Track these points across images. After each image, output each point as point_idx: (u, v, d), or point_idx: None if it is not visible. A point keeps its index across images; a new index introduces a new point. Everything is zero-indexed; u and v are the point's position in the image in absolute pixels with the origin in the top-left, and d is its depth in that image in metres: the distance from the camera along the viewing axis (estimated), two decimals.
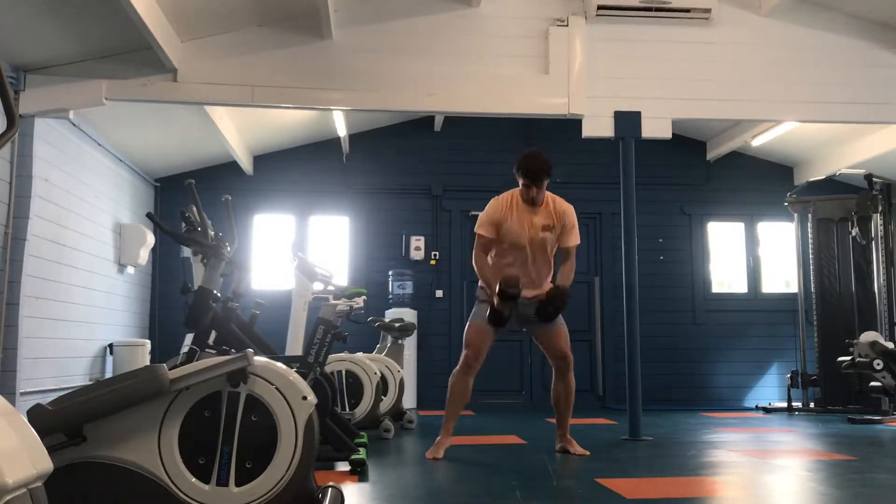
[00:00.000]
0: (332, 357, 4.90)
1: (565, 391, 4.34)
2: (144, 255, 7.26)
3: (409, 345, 7.31)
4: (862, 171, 7.50)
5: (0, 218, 4.94)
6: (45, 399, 2.26)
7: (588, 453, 4.32)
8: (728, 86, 5.74)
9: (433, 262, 8.41)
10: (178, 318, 4.63)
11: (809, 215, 7.95)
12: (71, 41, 4.92)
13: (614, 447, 4.86)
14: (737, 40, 5.80)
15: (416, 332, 7.28)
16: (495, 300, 4.08)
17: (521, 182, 4.22)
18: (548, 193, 4.30)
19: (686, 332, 8.58)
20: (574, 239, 4.34)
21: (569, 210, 4.33)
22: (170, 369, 2.12)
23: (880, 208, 7.34)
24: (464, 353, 4.28)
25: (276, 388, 2.18)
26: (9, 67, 4.95)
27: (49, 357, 5.53)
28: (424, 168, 8.54)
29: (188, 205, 3.93)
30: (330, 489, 2.32)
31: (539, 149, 4.35)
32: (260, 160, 8.36)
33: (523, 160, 4.21)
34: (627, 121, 5.58)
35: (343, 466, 3.72)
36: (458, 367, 4.29)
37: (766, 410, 7.71)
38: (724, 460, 4.32)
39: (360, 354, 5.57)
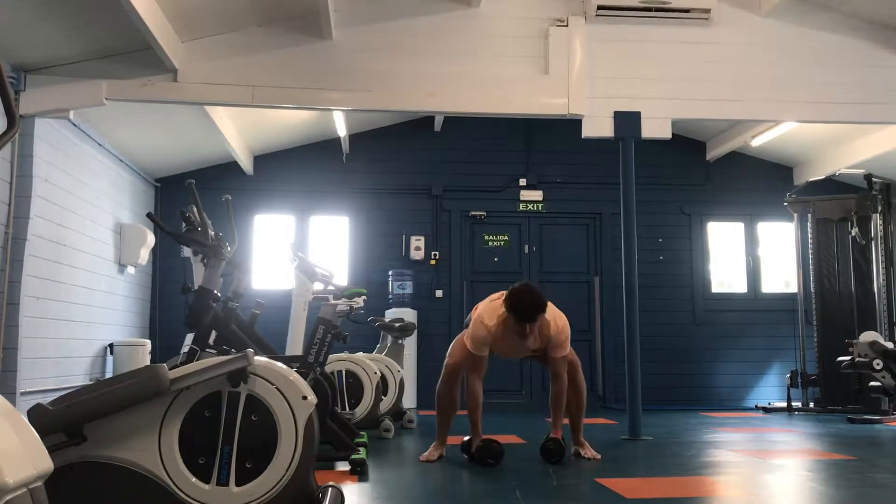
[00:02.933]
0: (332, 357, 4.91)
1: (573, 396, 4.20)
2: (145, 255, 7.27)
3: (409, 345, 7.32)
4: (861, 171, 7.51)
5: (0, 218, 4.95)
6: (45, 399, 2.26)
7: (599, 456, 4.19)
8: (728, 86, 5.74)
9: (433, 262, 8.41)
10: (179, 318, 4.64)
11: (809, 215, 7.95)
12: (71, 41, 4.92)
13: (614, 447, 4.86)
14: (737, 40, 5.80)
15: (416, 332, 7.28)
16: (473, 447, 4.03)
17: (513, 320, 3.85)
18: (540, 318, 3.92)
19: (686, 332, 8.58)
20: (560, 351, 4.05)
21: (559, 333, 4.02)
22: (170, 369, 2.12)
23: (880, 208, 7.34)
24: (445, 362, 4.21)
25: (277, 388, 2.19)
26: (9, 67, 4.95)
27: (49, 357, 5.53)
28: (424, 168, 8.54)
29: (188, 205, 3.93)
30: (330, 489, 2.32)
31: (530, 282, 4.03)
32: (260, 160, 8.36)
33: (514, 300, 3.83)
34: (627, 121, 5.58)
35: (343, 466, 3.73)
36: (442, 379, 4.22)
37: (766, 410, 7.71)
38: (724, 460, 4.32)
39: (360, 354, 5.57)
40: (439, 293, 8.38)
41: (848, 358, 6.64)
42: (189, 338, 4.22)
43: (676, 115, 5.71)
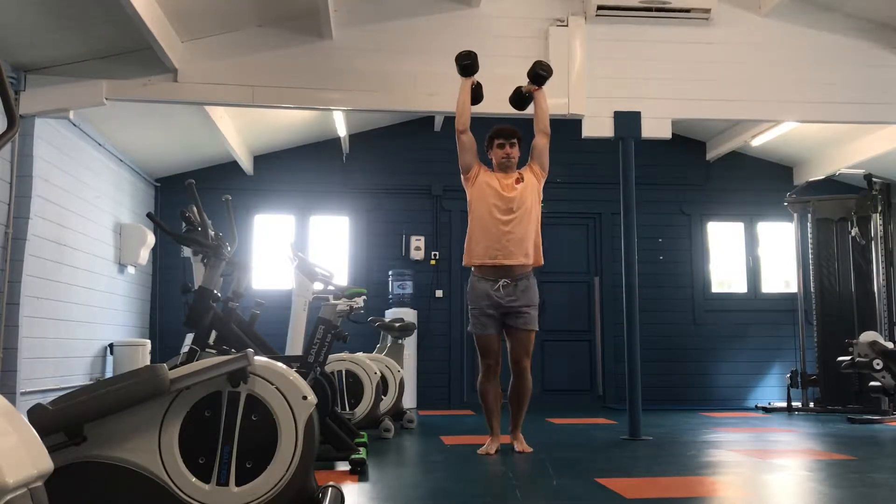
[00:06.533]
0: (332, 357, 4.91)
1: (517, 391, 4.52)
2: (145, 255, 7.26)
3: (409, 345, 7.32)
4: (861, 171, 7.51)
5: (0, 218, 4.94)
6: (45, 399, 2.26)
7: (531, 450, 4.42)
8: (728, 86, 5.74)
9: (433, 262, 8.41)
10: (179, 318, 4.64)
11: (809, 215, 7.94)
12: (71, 41, 4.92)
13: (614, 447, 4.87)
14: (737, 40, 5.80)
15: (416, 332, 7.28)
16: (462, 82, 4.62)
17: (495, 146, 4.60)
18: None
19: (686, 332, 8.58)
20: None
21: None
22: (170, 369, 2.12)
23: (880, 208, 7.34)
24: (483, 362, 4.50)
25: (277, 388, 2.19)
26: (9, 67, 4.95)
27: (49, 357, 5.53)
28: (424, 168, 8.53)
29: (188, 205, 3.94)
30: (330, 489, 2.32)
31: None
32: (260, 160, 8.36)
33: (493, 129, 4.65)
34: (627, 121, 5.58)
35: (343, 466, 3.73)
36: (481, 375, 4.52)
37: (766, 410, 7.71)
38: (724, 460, 4.32)
39: (360, 354, 5.57)
40: (439, 293, 8.38)
41: (848, 358, 6.64)
42: (189, 338, 4.23)
43: (676, 115, 5.71)
